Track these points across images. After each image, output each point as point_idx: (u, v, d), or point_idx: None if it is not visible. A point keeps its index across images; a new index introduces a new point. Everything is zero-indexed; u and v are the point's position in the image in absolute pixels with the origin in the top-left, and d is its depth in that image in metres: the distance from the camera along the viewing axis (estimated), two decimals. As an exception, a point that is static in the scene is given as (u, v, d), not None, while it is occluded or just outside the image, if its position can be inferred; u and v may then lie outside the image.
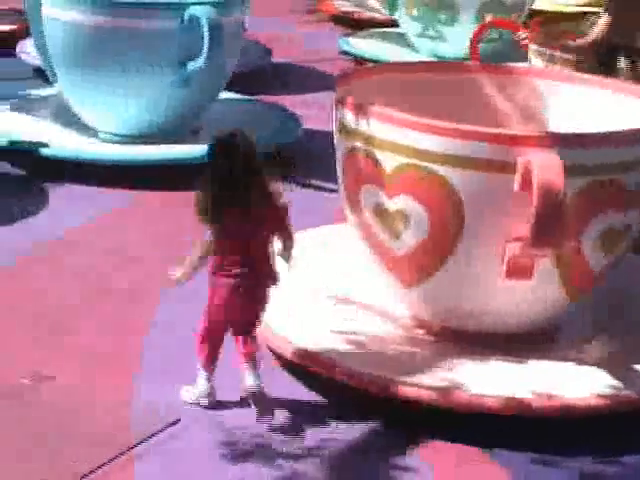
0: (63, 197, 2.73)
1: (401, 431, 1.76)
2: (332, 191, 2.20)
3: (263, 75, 3.93)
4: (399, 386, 1.77)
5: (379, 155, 1.86)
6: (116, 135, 3.08)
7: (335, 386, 1.82)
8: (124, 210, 2.71)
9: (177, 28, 2.93)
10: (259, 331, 1.81)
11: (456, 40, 3.98)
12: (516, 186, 1.75)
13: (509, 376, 1.85)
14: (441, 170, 1.80)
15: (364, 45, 4.36)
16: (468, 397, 1.76)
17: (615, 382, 1.82)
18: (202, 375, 1.77)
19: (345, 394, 1.82)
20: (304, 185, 2.86)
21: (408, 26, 4.38)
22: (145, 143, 3.00)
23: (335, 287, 2.14)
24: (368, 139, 1.88)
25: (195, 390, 1.77)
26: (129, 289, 2.21)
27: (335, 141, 2.00)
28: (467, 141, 1.78)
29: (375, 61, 3.85)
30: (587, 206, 1.83)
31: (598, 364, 1.89)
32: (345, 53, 4.31)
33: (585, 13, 4.64)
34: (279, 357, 1.92)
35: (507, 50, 3.66)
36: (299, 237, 2.29)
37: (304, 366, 1.84)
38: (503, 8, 4.18)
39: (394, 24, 4.53)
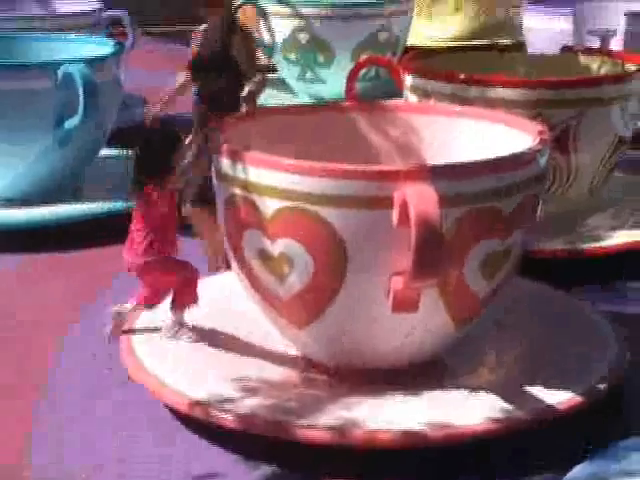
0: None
1: (301, 474, 1.77)
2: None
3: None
4: (295, 429, 1.77)
5: (258, 200, 1.87)
6: (-3, 199, 3.06)
7: (232, 435, 1.82)
8: (9, 274, 2.68)
9: (51, 87, 2.93)
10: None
11: (334, 81, 4.03)
12: (395, 221, 1.77)
13: (405, 409, 1.87)
14: (319, 210, 1.81)
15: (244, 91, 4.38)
16: (364, 434, 1.76)
17: (506, 405, 1.85)
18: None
19: (243, 442, 1.82)
20: (193, 235, 2.85)
21: (287, 70, 4.43)
22: (26, 205, 2.97)
23: (228, 334, 2.14)
24: (246, 185, 1.88)
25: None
26: (17, 353, 2.18)
27: (215, 189, 2.01)
28: (342, 180, 1.80)
29: (260, 107, 3.86)
30: (466, 234, 1.86)
31: (488, 389, 1.91)
32: (227, 101, 4.32)
33: (455, 48, 4.77)
34: (173, 410, 1.91)
35: (386, 87, 3.71)
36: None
37: (199, 417, 1.84)
38: (378, 46, 4.26)
39: (273, 69, 4.58)
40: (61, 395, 2.00)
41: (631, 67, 3.01)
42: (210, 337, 2.13)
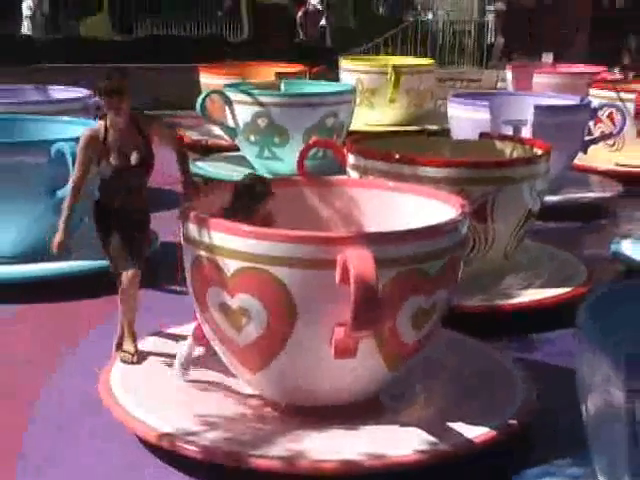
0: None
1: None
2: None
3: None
4: (250, 458, 1.77)
5: (220, 261, 1.86)
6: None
7: (195, 463, 1.80)
8: (7, 321, 2.66)
9: (46, 162, 2.94)
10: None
11: (288, 159, 4.03)
12: (337, 279, 1.77)
13: (345, 442, 1.86)
14: (273, 270, 1.81)
15: (212, 168, 4.40)
16: (310, 463, 1.77)
17: (432, 439, 1.85)
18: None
19: (204, 470, 1.80)
20: (166, 291, 2.84)
21: (247, 149, 4.45)
22: (23, 263, 2.96)
23: (194, 376, 2.12)
24: (209, 247, 1.88)
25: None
26: (11, 383, 2.19)
27: (183, 250, 1.99)
28: (292, 244, 1.81)
29: (224, 181, 3.85)
30: (398, 292, 1.86)
31: (417, 425, 1.91)
32: (196, 175, 4.29)
33: (390, 132, 4.80)
34: (145, 442, 1.88)
35: (332, 165, 3.70)
36: (163, 336, 2.28)
37: (167, 449, 1.82)
38: (326, 130, 4.28)
39: (236, 148, 4.59)
40: (47, 430, 1.98)
41: (538, 152, 3.05)
42: (178, 377, 2.10)
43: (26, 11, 10.09)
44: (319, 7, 10.06)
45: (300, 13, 9.87)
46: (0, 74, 5.78)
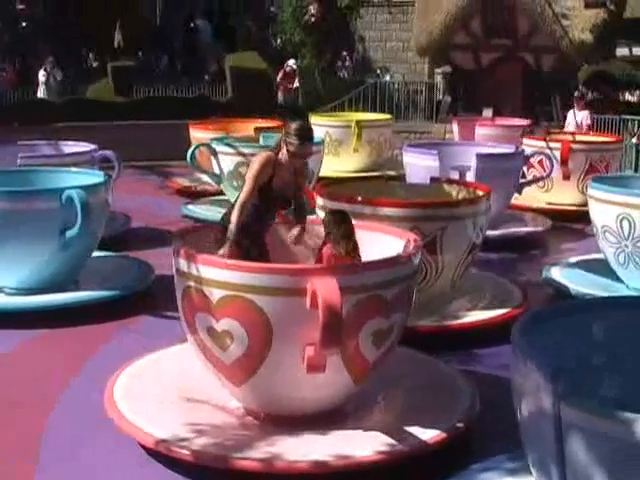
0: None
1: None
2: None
3: (125, 236, 3.92)
4: (234, 461, 1.77)
5: (206, 290, 1.87)
6: (16, 289, 3.02)
7: (188, 466, 1.80)
8: (22, 345, 2.65)
9: (57, 207, 2.95)
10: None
11: (266, 202, 4.04)
12: (308, 305, 1.78)
13: (315, 445, 1.87)
14: (252, 297, 1.82)
15: (200, 210, 4.39)
16: (285, 464, 1.78)
17: (390, 441, 1.85)
18: None
19: (196, 471, 1.80)
20: (161, 316, 2.84)
21: (231, 194, 4.44)
22: (38, 294, 2.95)
23: (186, 390, 2.11)
24: (197, 279, 1.88)
25: None
26: (27, 401, 2.15)
27: (175, 282, 2.00)
28: (268, 275, 1.82)
29: (210, 222, 3.85)
30: (360, 315, 1.87)
31: (377, 430, 1.92)
32: (186, 217, 4.31)
33: (354, 178, 4.83)
34: (144, 447, 1.87)
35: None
36: (159, 355, 2.27)
37: (163, 452, 1.81)
38: (298, 176, 4.29)
39: (222, 193, 4.60)
40: (60, 433, 1.97)
41: (480, 193, 3.09)
42: (174, 394, 2.10)
43: (41, 77, 10.16)
44: (294, 67, 10.13)
45: (280, 74, 9.93)
46: (20, 132, 5.78)
